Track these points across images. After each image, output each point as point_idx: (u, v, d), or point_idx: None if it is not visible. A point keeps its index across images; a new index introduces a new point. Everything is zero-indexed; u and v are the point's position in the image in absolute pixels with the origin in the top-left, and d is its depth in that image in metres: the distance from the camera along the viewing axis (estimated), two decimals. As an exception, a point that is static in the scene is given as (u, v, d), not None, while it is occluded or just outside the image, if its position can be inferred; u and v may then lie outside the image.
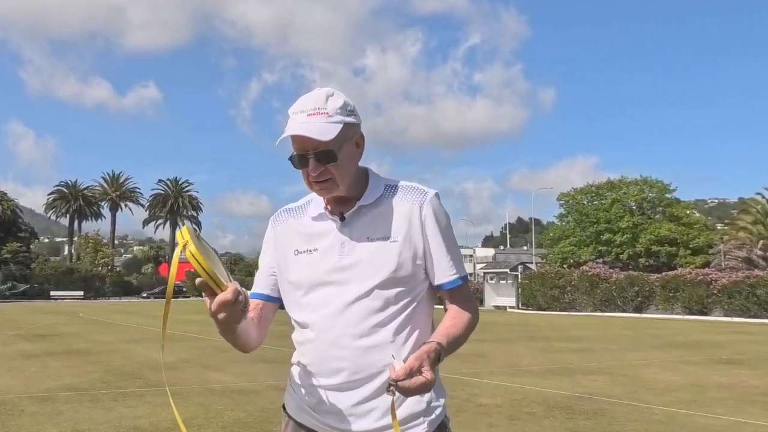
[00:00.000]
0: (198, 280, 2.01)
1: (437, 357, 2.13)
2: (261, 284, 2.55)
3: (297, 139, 2.22)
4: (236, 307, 2.05)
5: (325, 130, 2.20)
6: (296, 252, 2.40)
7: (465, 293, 2.40)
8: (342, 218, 2.35)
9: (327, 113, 2.23)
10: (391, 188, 2.40)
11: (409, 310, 2.30)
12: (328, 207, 2.40)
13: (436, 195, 2.39)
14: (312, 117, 2.22)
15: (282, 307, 2.51)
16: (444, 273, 2.34)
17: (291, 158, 2.28)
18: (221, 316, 2.06)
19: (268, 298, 2.53)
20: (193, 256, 1.96)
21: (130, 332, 25.57)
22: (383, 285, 2.27)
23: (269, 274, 2.52)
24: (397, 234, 2.31)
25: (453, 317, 2.34)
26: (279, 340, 5.05)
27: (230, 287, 2.04)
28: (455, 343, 2.26)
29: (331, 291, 2.30)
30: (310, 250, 2.37)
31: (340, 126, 2.23)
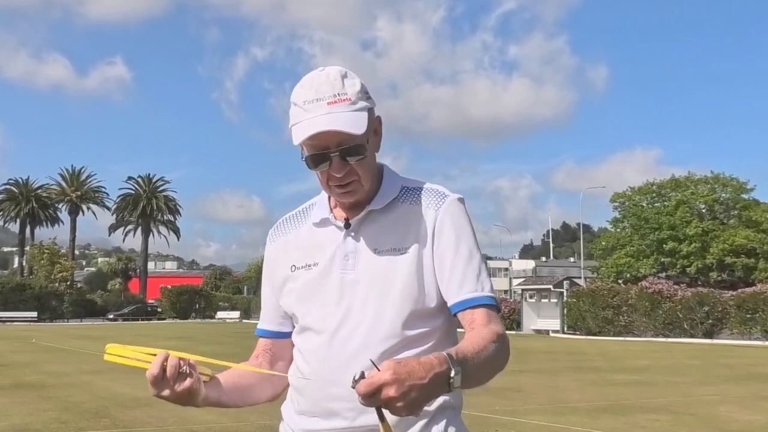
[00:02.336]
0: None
1: (440, 380, 1.90)
2: (267, 318, 2.55)
3: (319, 135, 2.17)
4: (171, 382, 2.12)
5: (356, 121, 2.18)
6: (293, 268, 2.40)
7: (492, 316, 2.27)
8: (347, 224, 2.34)
9: (349, 99, 2.21)
10: (409, 191, 2.39)
11: (425, 340, 2.27)
12: (333, 211, 2.39)
13: (460, 200, 2.37)
14: (334, 106, 2.18)
15: None
16: (461, 289, 2.27)
17: (306, 159, 2.24)
18: (163, 395, 2.13)
19: (277, 335, 2.52)
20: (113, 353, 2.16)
21: (93, 362, 25.55)
22: (392, 308, 2.25)
23: (274, 304, 2.52)
24: (409, 244, 2.29)
25: (472, 336, 2.18)
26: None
27: (158, 356, 2.12)
28: (477, 365, 2.04)
29: (330, 314, 2.29)
30: (309, 265, 2.37)
31: (366, 114, 2.22)
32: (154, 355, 2.13)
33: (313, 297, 2.32)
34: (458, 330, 2.37)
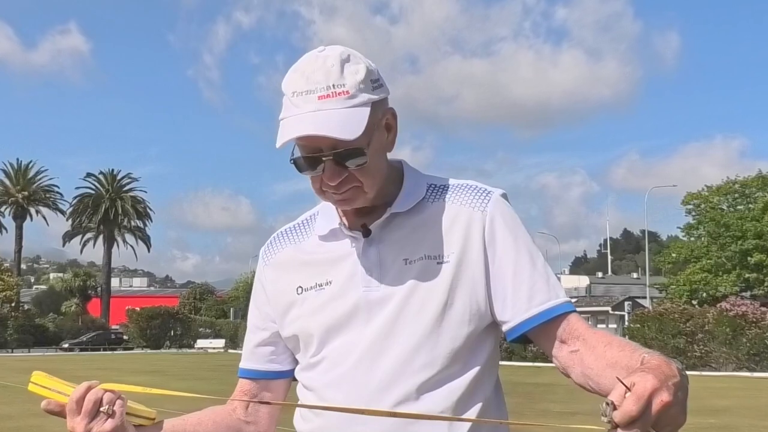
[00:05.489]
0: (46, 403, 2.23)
1: (685, 376, 1.85)
2: (253, 354, 2.54)
3: (307, 137, 2.15)
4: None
5: (349, 123, 2.13)
6: (300, 290, 2.39)
7: (585, 323, 2.26)
8: (366, 233, 2.32)
9: (347, 92, 2.16)
10: (438, 189, 2.39)
11: (469, 368, 2.27)
12: (344, 219, 2.38)
13: (503, 196, 2.36)
14: (325, 101, 2.14)
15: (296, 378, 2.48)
16: (533, 300, 2.26)
17: (295, 161, 2.23)
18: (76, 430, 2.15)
19: (265, 375, 2.52)
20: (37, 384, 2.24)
21: (41, 401, 25.64)
22: (432, 330, 2.24)
23: (264, 337, 2.51)
24: (449, 251, 2.28)
25: (614, 341, 2.13)
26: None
27: (82, 384, 2.18)
28: None
29: (353, 341, 2.27)
30: (321, 285, 2.35)
31: (368, 110, 2.17)
32: None
33: (330, 322, 2.31)
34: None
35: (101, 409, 2.11)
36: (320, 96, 2.14)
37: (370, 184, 2.23)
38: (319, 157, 2.17)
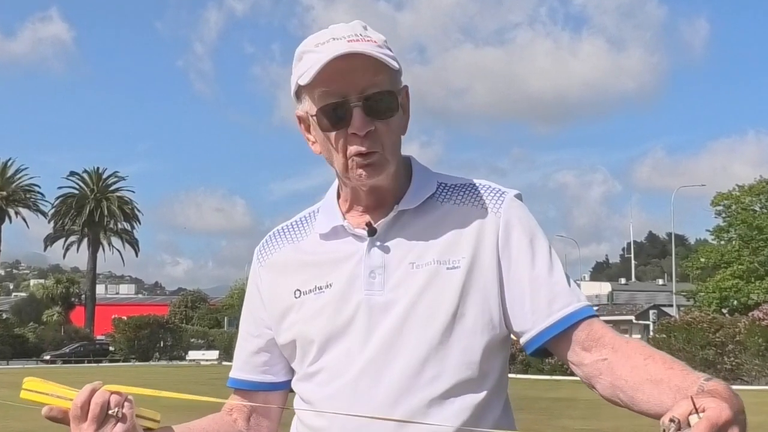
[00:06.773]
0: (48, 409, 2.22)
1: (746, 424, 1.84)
2: (245, 364, 2.54)
3: (333, 75, 2.15)
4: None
5: (386, 57, 2.18)
6: (298, 293, 2.38)
7: (611, 330, 2.27)
8: (371, 231, 2.32)
9: (375, 41, 2.21)
10: (449, 188, 2.39)
11: (480, 384, 2.26)
12: (347, 216, 2.37)
13: (518, 196, 2.37)
14: (356, 43, 2.18)
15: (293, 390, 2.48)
16: (553, 305, 2.25)
17: (321, 111, 2.21)
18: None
19: (259, 387, 2.52)
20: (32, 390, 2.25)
21: (26, 417, 25.59)
22: (441, 340, 2.23)
23: (258, 345, 2.51)
24: (460, 256, 2.27)
25: (665, 361, 2.10)
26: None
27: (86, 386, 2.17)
28: None
29: (353, 349, 2.26)
30: (321, 287, 2.34)
31: (396, 64, 2.22)
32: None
33: (329, 328, 2.29)
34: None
35: (109, 412, 2.12)
36: (350, 39, 2.18)
37: (391, 150, 2.25)
38: (347, 103, 2.17)
